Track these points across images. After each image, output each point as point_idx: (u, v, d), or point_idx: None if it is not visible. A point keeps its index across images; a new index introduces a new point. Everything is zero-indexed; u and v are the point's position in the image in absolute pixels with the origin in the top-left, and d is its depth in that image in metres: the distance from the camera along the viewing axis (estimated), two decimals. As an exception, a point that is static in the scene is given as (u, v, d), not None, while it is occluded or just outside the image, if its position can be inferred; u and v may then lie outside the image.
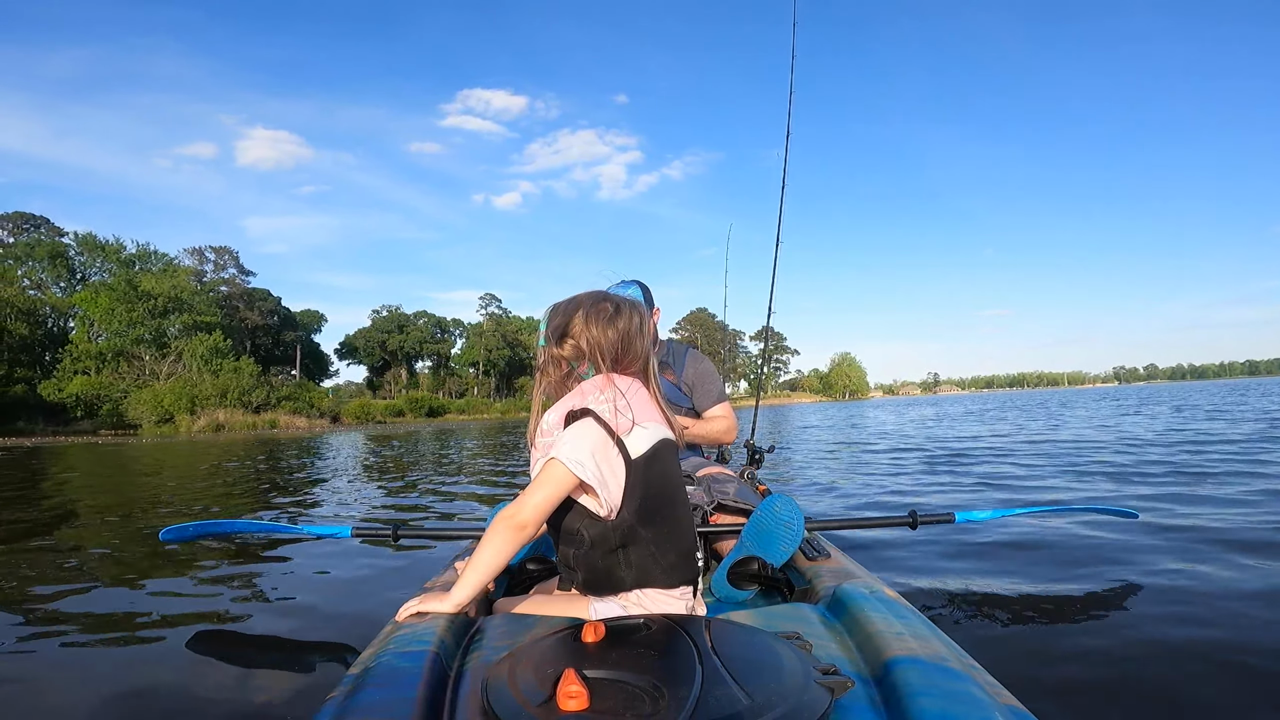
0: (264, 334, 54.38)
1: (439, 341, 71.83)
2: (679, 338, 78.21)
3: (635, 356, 1.27)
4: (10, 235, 47.58)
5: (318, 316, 62.55)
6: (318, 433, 31.41)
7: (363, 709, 0.89)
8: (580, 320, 1.25)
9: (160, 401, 38.03)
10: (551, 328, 1.28)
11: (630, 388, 1.23)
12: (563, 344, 1.26)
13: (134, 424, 37.71)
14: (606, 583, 1.22)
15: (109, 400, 38.95)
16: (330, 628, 2.24)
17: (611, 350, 1.24)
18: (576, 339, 1.25)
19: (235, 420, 37.77)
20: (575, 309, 1.27)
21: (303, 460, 11.47)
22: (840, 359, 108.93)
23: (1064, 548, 2.94)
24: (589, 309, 1.26)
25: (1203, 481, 4.70)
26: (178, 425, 36.72)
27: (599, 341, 1.24)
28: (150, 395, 38.46)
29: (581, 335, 1.25)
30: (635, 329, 1.26)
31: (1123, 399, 29.11)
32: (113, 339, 41.60)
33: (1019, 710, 0.89)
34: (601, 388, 1.21)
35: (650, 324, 1.32)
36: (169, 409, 37.84)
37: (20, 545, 3.96)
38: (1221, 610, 2.08)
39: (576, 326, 1.25)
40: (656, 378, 1.29)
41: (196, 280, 49.10)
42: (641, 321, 1.28)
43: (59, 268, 45.45)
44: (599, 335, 1.24)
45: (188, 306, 44.30)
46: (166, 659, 1.99)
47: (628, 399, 1.20)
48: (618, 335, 1.24)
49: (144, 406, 38.01)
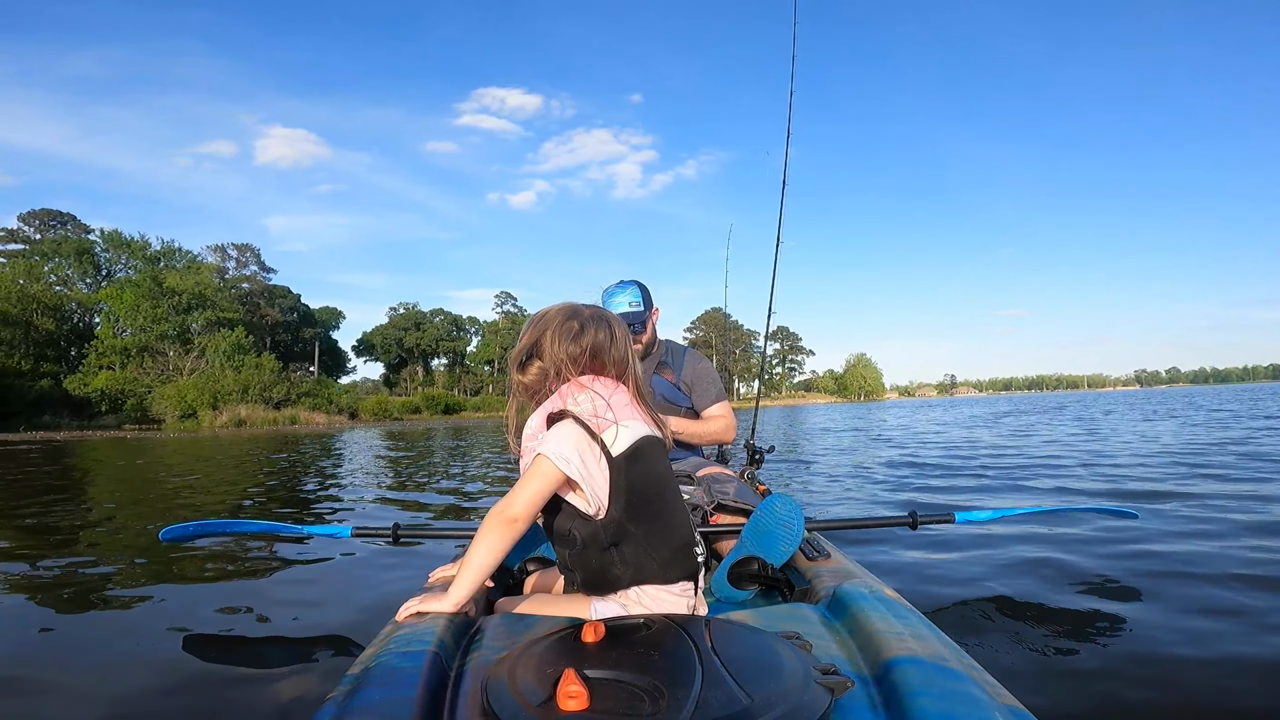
0: (283, 331, 55.01)
1: (455, 339, 72.33)
2: (693, 337, 78.36)
3: (606, 366, 1.29)
4: (38, 232, 48.46)
5: (336, 314, 63.20)
6: (336, 429, 31.72)
7: (363, 709, 0.89)
8: (548, 339, 1.28)
9: (184, 397, 38.61)
10: (519, 348, 1.31)
11: (608, 390, 1.25)
12: (528, 367, 1.30)
13: (158, 419, 38.34)
14: (604, 581, 1.24)
15: (133, 395, 39.62)
16: (330, 628, 2.24)
17: (578, 365, 1.27)
18: (543, 359, 1.28)
19: (256, 416, 38.19)
20: (544, 328, 1.30)
21: (324, 457, 11.57)
22: (855, 360, 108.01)
23: (1064, 548, 2.94)
24: (556, 328, 1.28)
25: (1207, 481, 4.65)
26: (200, 420, 37.26)
27: (564, 359, 1.26)
28: (174, 391, 39.08)
29: (548, 354, 1.28)
30: (602, 342, 1.28)
31: (1160, 402, 28.41)
32: (137, 335, 42.30)
33: (1019, 710, 0.88)
34: (578, 390, 1.23)
35: (625, 333, 1.32)
36: (192, 404, 38.42)
37: (27, 545, 3.99)
38: (1222, 610, 2.08)
39: (544, 345, 1.28)
40: (640, 382, 1.31)
41: (219, 277, 49.77)
42: (611, 335, 1.29)
43: (85, 264, 46.22)
44: (563, 353, 1.26)
45: (211, 303, 44.93)
46: (166, 659, 1.99)
47: (606, 400, 1.22)
48: (581, 350, 1.27)
49: (168, 402, 38.64)
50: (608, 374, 1.29)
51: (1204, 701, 1.52)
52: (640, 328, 2.30)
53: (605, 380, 1.27)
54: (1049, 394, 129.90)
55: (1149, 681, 1.61)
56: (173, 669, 1.91)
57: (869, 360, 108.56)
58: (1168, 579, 2.42)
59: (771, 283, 3.34)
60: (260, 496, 6.26)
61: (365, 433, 25.34)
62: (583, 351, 1.26)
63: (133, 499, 6.29)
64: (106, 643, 2.17)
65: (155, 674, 1.88)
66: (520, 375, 1.31)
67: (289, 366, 47.89)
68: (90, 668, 1.94)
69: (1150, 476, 5.16)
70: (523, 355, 1.31)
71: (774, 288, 3.34)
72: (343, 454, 12.47)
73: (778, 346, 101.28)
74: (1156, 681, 1.61)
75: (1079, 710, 1.51)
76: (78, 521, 4.85)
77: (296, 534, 2.51)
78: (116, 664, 1.96)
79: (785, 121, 3.47)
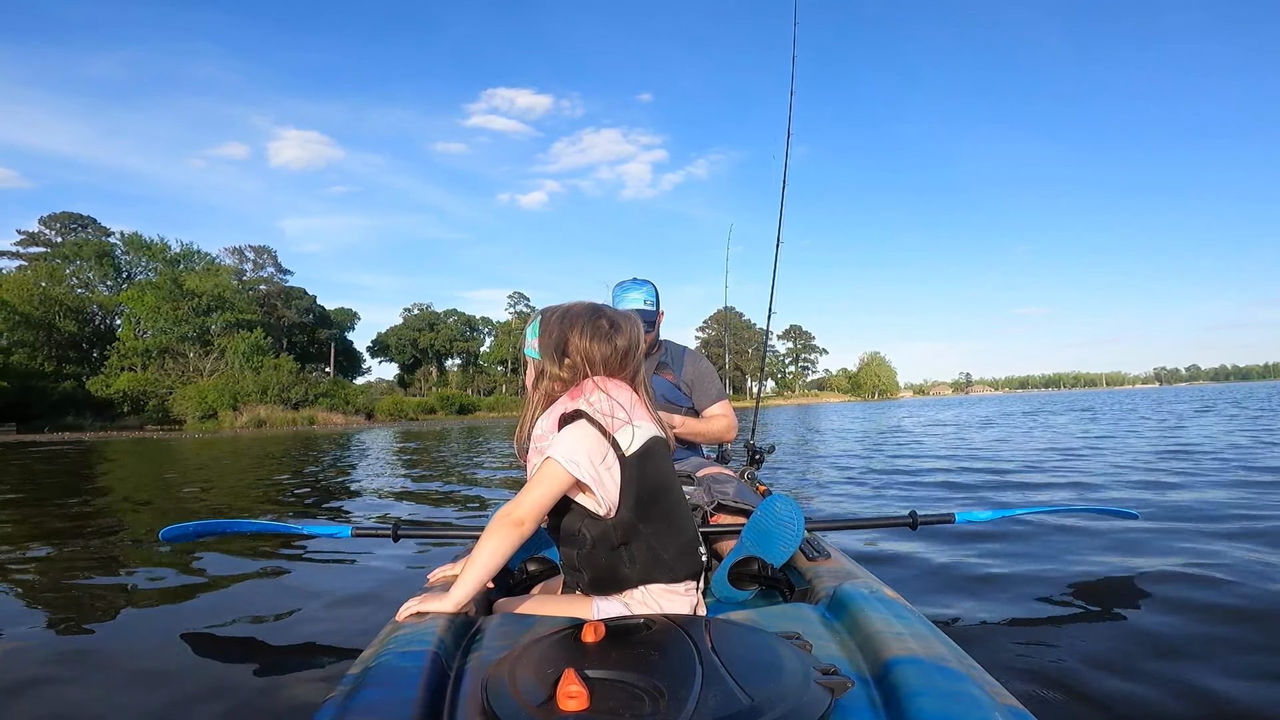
0: (300, 332, 55.57)
1: (468, 340, 72.72)
2: (705, 336, 78.09)
3: (630, 366, 1.28)
4: (58, 235, 49.15)
5: (351, 314, 63.74)
6: (354, 429, 31.96)
7: (363, 709, 0.89)
8: (577, 336, 1.26)
9: (204, 398, 39.17)
10: (549, 344, 1.28)
11: (618, 390, 1.24)
12: (563, 363, 1.27)
13: (179, 419, 38.88)
14: (612, 581, 1.24)
15: (154, 396, 40.22)
16: (330, 628, 2.25)
17: (606, 366, 1.26)
18: (573, 356, 1.26)
19: (276, 416, 38.63)
20: (571, 325, 1.27)
21: (354, 456, 11.62)
22: (869, 358, 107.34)
23: (1064, 549, 2.92)
24: (585, 324, 1.26)
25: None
26: (221, 421, 37.73)
27: (595, 359, 1.25)
28: (195, 392, 39.63)
29: (578, 352, 1.26)
30: (635, 343, 1.27)
31: (1188, 400, 27.83)
32: (158, 336, 42.89)
33: (1019, 710, 0.88)
34: (591, 390, 1.23)
35: (645, 334, 1.32)
36: (212, 405, 38.94)
37: (35, 543, 4.02)
38: (1223, 610, 2.06)
39: (573, 343, 1.26)
40: (647, 383, 1.31)
41: (237, 279, 50.37)
42: (638, 336, 1.29)
43: (106, 267, 46.87)
44: (596, 352, 1.25)
45: (229, 305, 45.45)
46: (165, 659, 1.99)
47: (618, 400, 1.22)
48: (614, 350, 1.25)
49: (188, 403, 39.19)
50: (625, 374, 1.28)
51: (1205, 702, 1.51)
52: (649, 327, 2.32)
53: (616, 380, 1.26)
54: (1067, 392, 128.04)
55: (1150, 682, 1.60)
56: (171, 669, 1.91)
57: (883, 359, 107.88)
58: (1168, 579, 2.41)
59: (771, 283, 3.34)
60: (293, 496, 6.24)
61: (382, 432, 25.52)
62: (614, 351, 1.25)
63: (162, 494, 6.39)
64: (105, 643, 2.17)
65: (153, 674, 1.88)
66: (555, 366, 1.27)
67: (305, 367, 48.38)
68: (87, 668, 1.94)
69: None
70: (561, 349, 1.27)
71: (774, 288, 3.34)
72: (366, 453, 12.55)
73: (790, 345, 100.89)
74: (1157, 682, 1.60)
75: (1079, 710, 1.50)
76: (91, 519, 4.91)
77: (296, 534, 2.53)
78: (114, 664, 1.96)
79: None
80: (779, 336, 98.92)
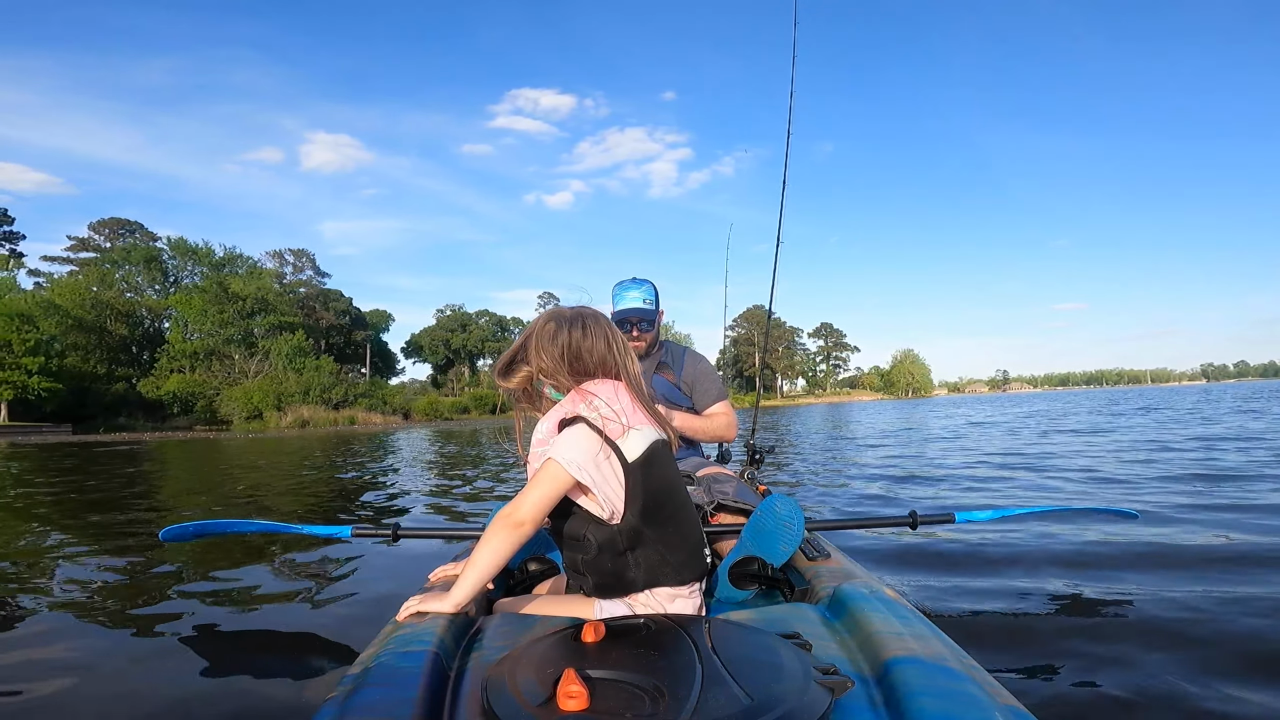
0: (337, 333, 56.73)
1: (499, 340, 73.49)
2: (735, 335, 77.49)
3: (592, 366, 1.28)
4: (107, 240, 50.97)
5: (385, 316, 64.81)
6: (392, 429, 32.48)
7: (363, 709, 0.90)
8: (533, 343, 1.30)
9: (250, 399, 40.35)
10: (504, 355, 1.33)
11: (614, 393, 1.25)
12: (514, 373, 1.31)
13: (226, 420, 40.11)
14: (617, 585, 1.24)
15: (203, 397, 41.48)
16: (330, 628, 2.25)
17: (559, 366, 1.27)
18: (529, 363, 1.30)
19: (318, 417, 39.67)
20: (530, 333, 1.31)
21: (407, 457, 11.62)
22: (902, 355, 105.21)
23: (1064, 549, 2.90)
24: (539, 331, 1.30)
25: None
26: (266, 421, 38.87)
27: (545, 362, 1.28)
28: (241, 393, 40.85)
29: (533, 358, 1.29)
30: (579, 341, 1.28)
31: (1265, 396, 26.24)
32: (205, 339, 44.23)
33: (1019, 710, 0.88)
34: (588, 395, 1.23)
35: (605, 330, 1.31)
36: (258, 406, 40.11)
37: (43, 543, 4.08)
38: (1223, 610, 2.03)
39: (529, 349, 1.30)
40: (639, 382, 1.31)
41: (278, 282, 51.58)
42: (585, 332, 1.29)
43: (153, 271, 48.37)
44: (546, 356, 1.28)
45: (272, 307, 46.62)
46: (165, 659, 1.99)
47: (615, 404, 1.22)
48: (560, 350, 1.27)
49: (235, 404, 40.44)
50: (600, 374, 1.29)
51: (1206, 702, 1.49)
52: (648, 326, 2.33)
53: (605, 383, 1.27)
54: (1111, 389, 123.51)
55: (1150, 682, 1.59)
56: (171, 669, 1.91)
57: (916, 356, 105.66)
58: (1169, 579, 2.39)
59: (771, 283, 3.32)
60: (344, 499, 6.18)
61: (420, 432, 25.84)
62: (561, 350, 1.27)
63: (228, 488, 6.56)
64: (105, 642, 2.19)
65: (153, 674, 1.88)
66: (504, 381, 1.33)
67: (342, 369, 49.44)
68: (88, 667, 1.95)
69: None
70: (507, 362, 1.33)
71: (774, 288, 3.33)
72: (407, 452, 12.65)
73: (821, 343, 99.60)
74: (1157, 682, 1.59)
75: (1079, 710, 1.49)
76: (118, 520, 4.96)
77: (296, 534, 2.55)
78: (113, 665, 1.96)
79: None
80: (809, 334, 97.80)
